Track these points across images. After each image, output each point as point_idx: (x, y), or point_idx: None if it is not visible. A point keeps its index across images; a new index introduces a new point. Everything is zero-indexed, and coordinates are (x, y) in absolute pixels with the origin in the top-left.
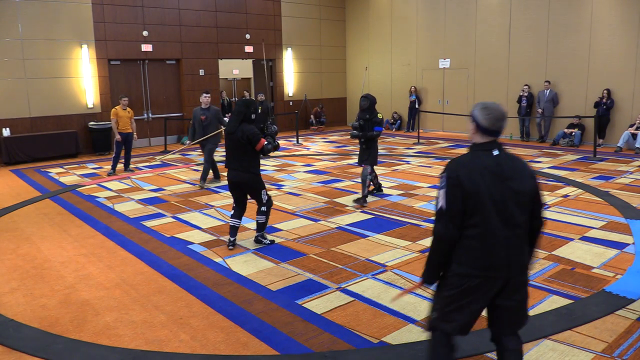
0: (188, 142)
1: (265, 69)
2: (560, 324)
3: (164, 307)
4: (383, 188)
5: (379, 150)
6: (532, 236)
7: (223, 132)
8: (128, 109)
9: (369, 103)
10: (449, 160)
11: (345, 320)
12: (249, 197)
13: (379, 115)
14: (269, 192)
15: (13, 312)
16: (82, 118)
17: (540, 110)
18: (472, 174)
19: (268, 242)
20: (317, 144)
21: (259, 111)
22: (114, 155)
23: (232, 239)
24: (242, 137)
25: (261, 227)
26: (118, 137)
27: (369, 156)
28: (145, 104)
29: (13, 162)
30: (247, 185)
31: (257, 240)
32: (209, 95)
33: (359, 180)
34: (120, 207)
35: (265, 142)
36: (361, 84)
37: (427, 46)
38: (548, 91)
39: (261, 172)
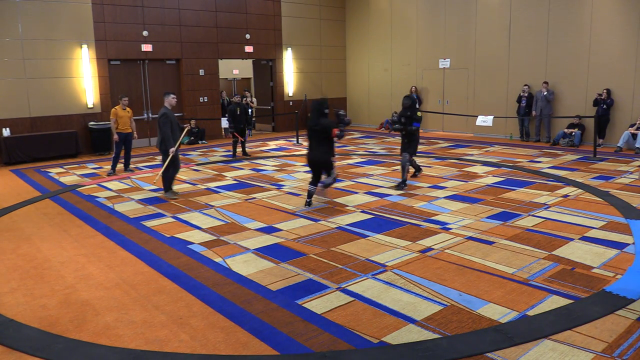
0: (173, 149)
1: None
2: (560, 324)
3: (164, 307)
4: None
5: (419, 142)
6: None
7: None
8: (128, 108)
9: (410, 102)
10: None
11: (345, 320)
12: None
13: (418, 114)
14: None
15: (13, 312)
16: (82, 118)
17: (534, 113)
18: None
19: (325, 183)
20: None
21: (238, 112)
22: (113, 155)
23: (308, 200)
24: (321, 129)
25: (325, 185)
26: (116, 137)
27: (409, 147)
28: (145, 104)
29: (13, 162)
30: (324, 164)
31: (321, 185)
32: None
33: (359, 180)
34: (120, 207)
35: (338, 131)
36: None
37: (427, 46)
38: (545, 91)
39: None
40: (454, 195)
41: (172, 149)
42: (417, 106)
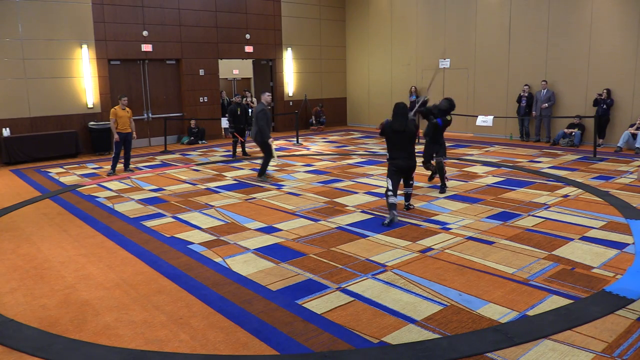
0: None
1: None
2: (560, 324)
3: (164, 307)
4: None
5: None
6: None
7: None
8: (127, 108)
9: (449, 106)
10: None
11: (345, 320)
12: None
13: (448, 117)
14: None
15: (13, 312)
16: (82, 118)
17: (534, 113)
18: None
19: (412, 207)
20: (317, 144)
21: (238, 112)
22: (113, 155)
23: (396, 212)
24: (410, 131)
25: (409, 197)
26: (116, 137)
27: (441, 149)
28: (145, 104)
29: (13, 162)
30: (413, 169)
31: (407, 208)
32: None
33: (359, 180)
34: (120, 207)
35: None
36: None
37: (427, 46)
38: (545, 91)
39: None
40: (454, 195)
41: (271, 139)
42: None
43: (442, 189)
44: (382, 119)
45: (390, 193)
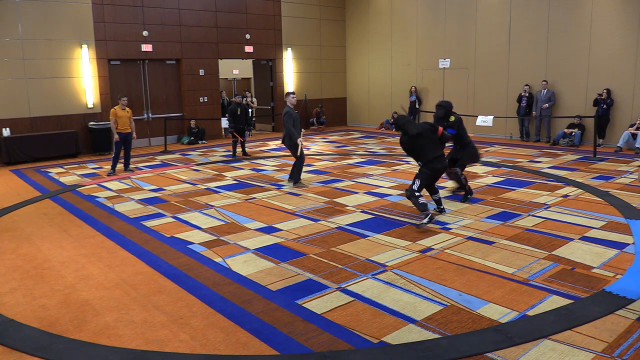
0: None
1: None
2: (560, 324)
3: (164, 307)
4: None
5: (474, 147)
6: None
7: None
8: (127, 108)
9: (444, 112)
10: None
11: (345, 320)
12: None
13: (451, 119)
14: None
15: (13, 312)
16: (82, 118)
17: (534, 113)
18: None
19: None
20: (317, 144)
21: (238, 112)
22: (113, 155)
23: (442, 207)
24: (427, 130)
25: (440, 202)
26: (116, 137)
27: (459, 157)
28: (145, 104)
29: (13, 162)
30: (445, 169)
31: (441, 211)
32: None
33: (359, 180)
34: (120, 207)
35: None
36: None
37: (427, 46)
38: (545, 91)
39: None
40: (454, 195)
41: (300, 139)
42: (417, 106)
43: (465, 197)
44: (382, 119)
45: (418, 194)
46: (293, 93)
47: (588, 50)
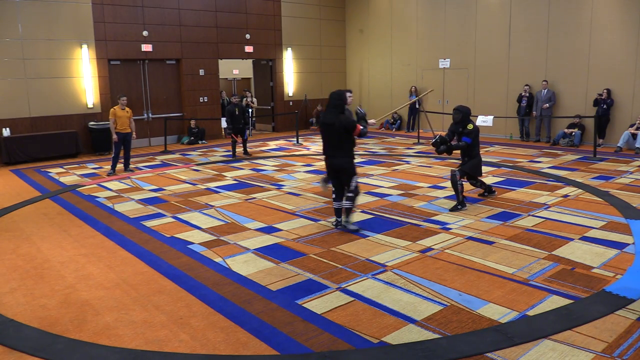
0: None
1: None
2: (560, 324)
3: (164, 307)
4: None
5: (480, 161)
6: None
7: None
8: (127, 108)
9: (461, 116)
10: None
11: (345, 320)
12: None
13: (469, 126)
14: (358, 180)
15: (13, 312)
16: (82, 118)
17: (534, 113)
18: None
19: (354, 228)
20: (317, 144)
21: (236, 113)
22: (113, 155)
23: (338, 219)
24: (340, 127)
25: (347, 213)
26: (115, 137)
27: (462, 164)
28: (145, 104)
29: (13, 162)
30: (344, 170)
31: (341, 225)
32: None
33: (359, 180)
34: (120, 207)
35: (361, 127)
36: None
37: (427, 46)
38: (545, 91)
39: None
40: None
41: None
42: (417, 106)
43: (454, 207)
44: (382, 118)
45: (334, 196)
46: (350, 91)
47: (588, 50)
